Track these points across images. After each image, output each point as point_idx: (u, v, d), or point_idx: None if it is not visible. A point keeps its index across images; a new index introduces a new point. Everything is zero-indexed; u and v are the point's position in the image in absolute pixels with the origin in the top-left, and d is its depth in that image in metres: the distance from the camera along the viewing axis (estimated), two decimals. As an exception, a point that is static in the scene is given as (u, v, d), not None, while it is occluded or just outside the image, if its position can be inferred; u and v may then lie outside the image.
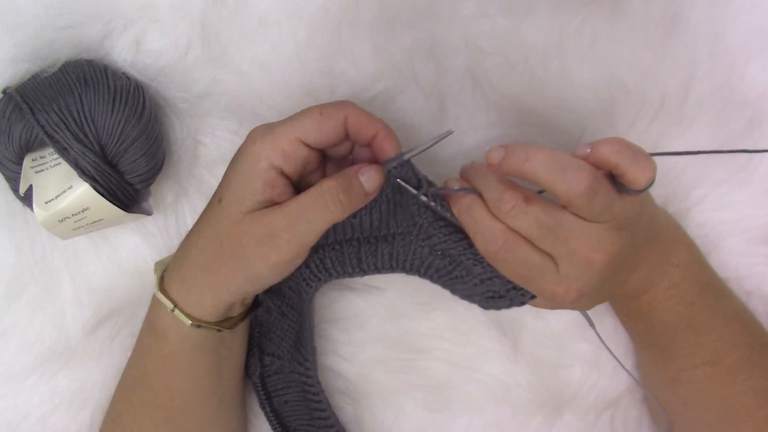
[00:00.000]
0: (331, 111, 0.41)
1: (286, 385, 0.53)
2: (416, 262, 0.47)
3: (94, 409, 0.53)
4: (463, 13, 0.51)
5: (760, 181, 0.54)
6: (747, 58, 0.52)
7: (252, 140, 0.41)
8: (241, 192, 0.41)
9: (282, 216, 0.40)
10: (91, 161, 0.45)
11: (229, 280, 0.43)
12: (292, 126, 0.41)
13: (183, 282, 0.44)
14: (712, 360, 0.48)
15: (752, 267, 0.55)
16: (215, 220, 0.42)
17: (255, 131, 0.42)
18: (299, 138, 0.41)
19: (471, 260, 0.45)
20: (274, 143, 0.40)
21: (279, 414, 0.54)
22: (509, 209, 0.41)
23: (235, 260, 0.42)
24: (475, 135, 0.53)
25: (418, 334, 0.56)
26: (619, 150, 0.40)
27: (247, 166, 0.41)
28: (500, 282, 0.45)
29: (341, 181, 0.41)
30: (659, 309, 0.48)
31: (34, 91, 0.46)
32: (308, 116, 0.41)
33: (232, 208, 0.41)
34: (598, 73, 0.52)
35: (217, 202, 0.42)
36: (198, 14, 0.49)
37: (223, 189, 0.42)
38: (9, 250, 0.51)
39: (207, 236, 0.43)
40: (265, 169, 0.40)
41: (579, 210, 0.40)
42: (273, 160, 0.40)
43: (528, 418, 0.56)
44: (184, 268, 0.44)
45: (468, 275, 0.46)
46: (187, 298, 0.44)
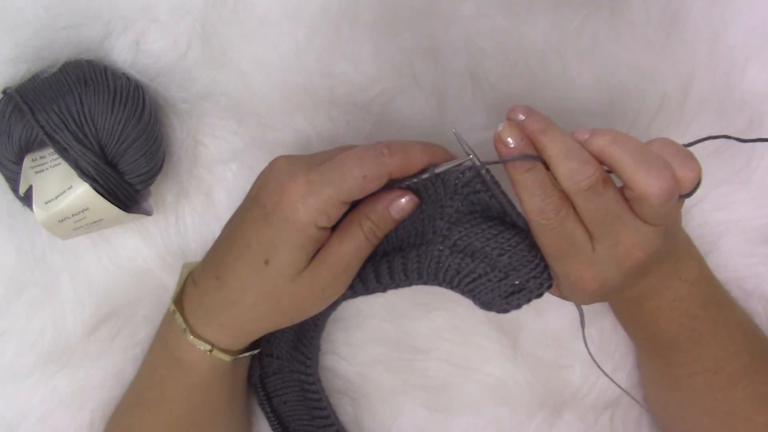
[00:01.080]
0: (375, 173, 0.40)
1: (285, 385, 0.54)
2: (432, 267, 0.46)
3: (93, 410, 0.53)
4: (463, 14, 0.51)
5: (760, 181, 0.54)
6: (747, 58, 0.52)
7: (293, 203, 0.40)
8: (293, 256, 0.41)
9: (337, 264, 0.42)
10: (90, 161, 0.45)
11: (283, 323, 0.46)
12: (337, 191, 0.40)
13: (223, 328, 0.45)
14: (713, 368, 0.48)
15: (752, 267, 0.55)
16: (265, 281, 0.42)
17: (293, 187, 0.40)
18: (343, 201, 0.40)
19: (497, 249, 0.43)
20: (320, 208, 0.40)
21: (278, 414, 0.54)
22: (587, 186, 0.38)
23: (294, 313, 0.44)
24: (475, 135, 0.52)
25: (418, 334, 0.56)
26: (667, 150, 0.39)
27: (295, 231, 0.40)
28: (525, 271, 0.43)
29: (377, 220, 0.42)
30: (661, 319, 0.47)
31: (34, 91, 0.46)
32: (352, 181, 0.40)
33: (285, 271, 0.41)
34: (597, 74, 0.52)
35: (262, 263, 0.41)
36: (198, 14, 0.49)
37: (264, 249, 0.41)
38: (9, 250, 0.51)
39: (257, 294, 0.43)
40: (314, 232, 0.40)
41: (646, 207, 0.39)
42: (318, 223, 0.40)
43: (528, 418, 0.56)
44: (226, 319, 0.44)
45: (492, 270, 0.44)
46: (226, 340, 0.45)
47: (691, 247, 0.49)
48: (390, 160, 0.40)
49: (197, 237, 0.53)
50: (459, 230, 0.44)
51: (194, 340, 0.45)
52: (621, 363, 0.56)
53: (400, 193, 0.43)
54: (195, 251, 0.53)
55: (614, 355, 0.56)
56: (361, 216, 0.42)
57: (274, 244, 0.41)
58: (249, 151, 0.52)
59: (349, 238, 0.42)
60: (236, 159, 0.52)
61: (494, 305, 0.46)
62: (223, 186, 0.52)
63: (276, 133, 0.52)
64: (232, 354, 0.46)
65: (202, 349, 0.45)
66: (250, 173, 0.52)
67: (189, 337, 0.45)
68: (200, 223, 0.53)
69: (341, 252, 0.42)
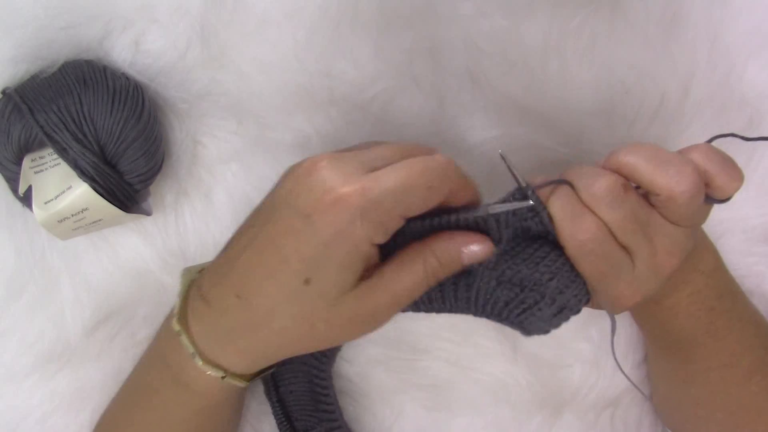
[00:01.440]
0: (441, 186, 0.36)
1: (294, 375, 0.53)
2: (481, 299, 0.42)
3: (93, 410, 0.53)
4: (463, 13, 0.51)
5: (760, 181, 0.54)
6: (746, 58, 0.52)
7: (350, 216, 0.34)
8: (340, 276, 0.35)
9: (386, 296, 0.37)
10: (90, 161, 0.45)
11: (310, 349, 0.40)
12: (399, 203, 0.35)
13: (241, 353, 0.39)
14: (729, 363, 0.47)
15: (752, 266, 0.55)
16: (302, 303, 0.36)
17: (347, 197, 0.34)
18: (404, 215, 0.35)
19: (547, 274, 0.40)
20: (379, 222, 0.34)
21: (283, 402, 0.54)
22: (607, 195, 0.37)
23: (325, 341, 0.39)
24: (475, 135, 0.53)
25: (418, 334, 0.56)
26: (709, 156, 0.37)
27: (347, 249, 0.34)
28: (571, 292, 0.40)
29: (444, 261, 0.38)
30: (680, 315, 0.46)
31: (34, 91, 0.46)
32: (416, 191, 0.35)
33: (329, 293, 0.36)
34: (597, 73, 0.52)
35: (300, 283, 0.35)
36: (197, 14, 0.49)
37: (306, 267, 0.35)
38: (9, 250, 0.51)
39: (288, 318, 0.37)
40: (367, 251, 0.35)
41: (675, 208, 0.37)
42: (375, 240, 0.35)
43: (528, 418, 0.56)
44: (245, 344, 0.39)
45: (542, 299, 0.41)
46: (242, 365, 0.40)
47: (706, 239, 0.48)
48: (452, 174, 0.37)
49: (197, 237, 0.53)
50: (506, 259, 0.41)
51: (205, 366, 0.39)
52: (621, 363, 0.56)
53: (478, 238, 0.38)
54: (194, 251, 0.53)
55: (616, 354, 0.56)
56: (428, 252, 0.37)
57: (320, 262, 0.35)
58: (249, 151, 0.52)
59: (407, 274, 0.37)
60: (236, 159, 0.52)
61: (540, 331, 0.43)
62: (222, 186, 0.52)
63: (276, 133, 0.52)
64: (247, 379, 0.41)
65: (214, 375, 0.40)
66: (250, 173, 0.52)
67: (199, 363, 0.39)
68: (200, 223, 0.53)
69: (395, 287, 0.37)
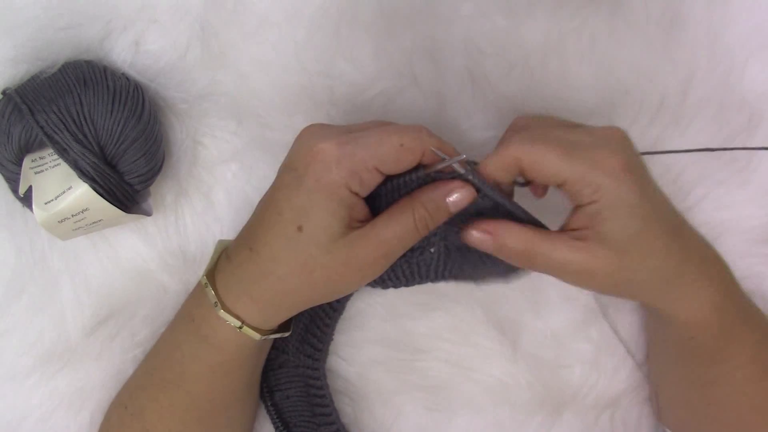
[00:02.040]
0: (412, 144, 0.40)
1: (289, 380, 0.53)
2: (440, 267, 0.47)
3: (94, 410, 0.53)
4: (463, 14, 0.51)
5: (760, 181, 0.54)
6: (746, 58, 0.52)
7: (326, 163, 0.39)
8: (327, 221, 0.40)
9: (380, 245, 0.41)
10: (90, 162, 0.45)
11: (315, 299, 0.44)
12: (372, 155, 0.39)
13: (255, 302, 0.43)
14: (753, 357, 0.47)
15: (752, 267, 0.55)
16: (298, 249, 0.41)
17: (325, 148, 0.39)
18: (376, 167, 0.40)
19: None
20: (353, 170, 0.39)
21: (279, 409, 0.54)
22: None
23: (328, 287, 0.42)
24: (474, 135, 0.53)
25: (418, 334, 0.56)
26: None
27: (328, 193, 0.39)
28: None
29: (431, 209, 0.41)
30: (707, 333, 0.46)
31: (34, 92, 0.46)
32: (388, 147, 0.39)
33: (319, 238, 0.40)
34: (597, 74, 0.52)
35: (294, 230, 0.40)
36: (197, 15, 0.49)
37: (297, 215, 0.40)
38: (9, 250, 0.51)
39: (289, 264, 0.41)
40: (346, 196, 0.40)
41: None
42: (351, 187, 0.40)
43: (528, 418, 0.56)
44: (258, 292, 0.43)
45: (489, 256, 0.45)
46: (256, 316, 0.44)
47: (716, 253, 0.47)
48: (428, 139, 0.40)
49: (197, 237, 0.53)
50: (454, 230, 0.44)
51: (225, 315, 0.43)
52: (621, 363, 0.56)
53: (459, 184, 0.42)
54: (195, 251, 0.53)
55: (614, 355, 0.56)
56: (416, 202, 0.41)
57: (306, 208, 0.40)
58: (249, 152, 0.52)
59: (397, 222, 0.41)
60: (236, 159, 0.52)
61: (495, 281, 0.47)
62: (222, 186, 0.52)
63: (276, 133, 0.52)
64: (262, 333, 0.44)
65: (232, 325, 0.43)
66: (250, 173, 0.52)
67: (219, 312, 0.43)
68: (200, 223, 0.53)
69: (386, 234, 0.41)
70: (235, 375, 0.47)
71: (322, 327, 0.53)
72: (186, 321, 0.47)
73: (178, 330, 0.48)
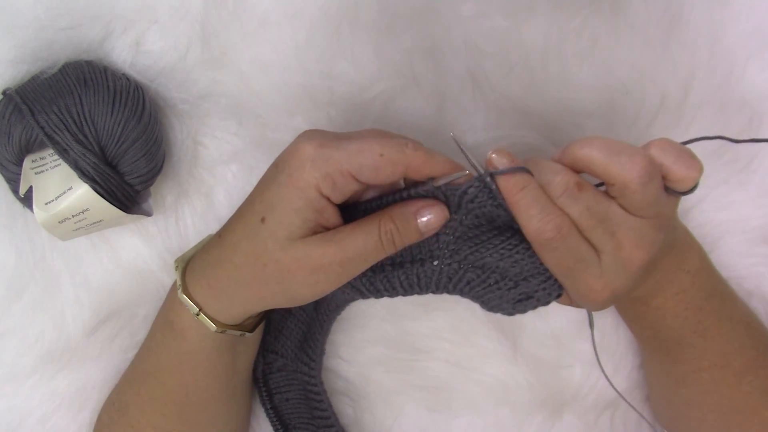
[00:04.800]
0: (393, 156, 0.39)
1: (288, 383, 0.54)
2: (444, 280, 0.45)
3: (94, 410, 0.53)
4: (463, 14, 0.51)
5: (760, 181, 0.54)
6: (747, 59, 0.52)
7: (301, 161, 0.39)
8: (289, 218, 0.39)
9: (338, 251, 0.40)
10: (90, 162, 0.45)
11: (266, 299, 0.43)
12: (348, 160, 0.38)
13: (211, 288, 0.43)
14: (720, 363, 0.48)
15: (752, 267, 0.55)
16: (256, 240, 0.40)
17: (305, 148, 0.39)
18: (352, 173, 0.39)
19: (510, 263, 0.43)
20: (326, 172, 0.38)
21: (279, 411, 0.54)
22: (560, 193, 0.39)
23: (279, 285, 0.41)
24: (475, 135, 0.53)
25: (418, 335, 0.56)
26: (664, 149, 0.39)
27: (295, 190, 0.39)
28: (536, 282, 0.43)
29: (400, 225, 0.40)
30: (668, 314, 0.47)
31: (34, 92, 0.46)
32: (368, 154, 0.38)
33: (278, 232, 0.39)
34: (597, 74, 0.52)
35: (258, 221, 0.40)
36: (197, 15, 0.49)
37: (264, 207, 0.40)
38: (9, 251, 0.51)
39: (246, 254, 0.41)
40: (315, 197, 0.39)
41: (631, 197, 0.38)
42: (322, 189, 0.39)
43: (528, 418, 0.56)
44: (214, 278, 0.43)
45: (502, 280, 0.44)
46: (213, 304, 0.44)
47: (691, 238, 0.49)
48: (411, 153, 0.39)
49: (197, 237, 0.53)
50: (469, 245, 0.43)
51: (183, 298, 0.44)
52: (621, 363, 0.56)
53: (431, 203, 0.41)
54: (195, 252, 0.53)
55: (614, 355, 0.56)
56: (384, 216, 0.40)
57: (273, 201, 0.40)
58: (249, 152, 0.52)
59: (361, 233, 0.40)
60: (236, 159, 0.52)
61: (501, 310, 0.46)
62: (223, 186, 0.52)
63: (276, 133, 0.52)
64: (219, 326, 0.44)
65: (190, 312, 0.43)
66: (250, 173, 0.52)
67: (180, 295, 0.44)
68: (200, 223, 0.53)
69: (347, 243, 0.40)
70: (204, 369, 0.47)
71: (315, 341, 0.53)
72: (162, 310, 0.48)
73: (156, 320, 0.49)
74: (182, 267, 0.46)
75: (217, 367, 0.47)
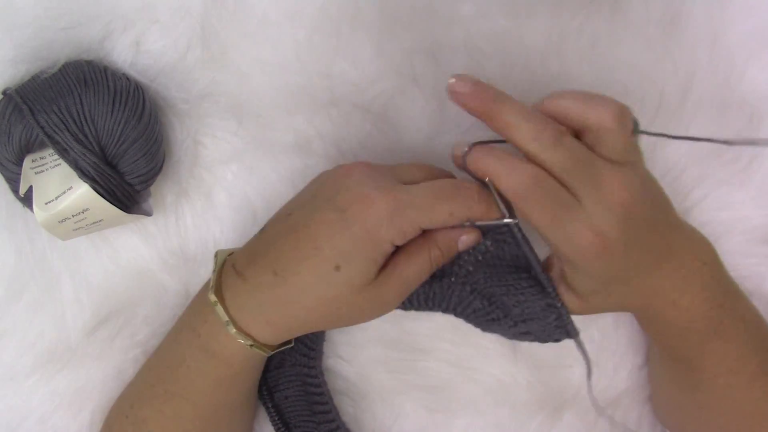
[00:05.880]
0: (461, 214, 0.42)
1: (287, 380, 0.53)
2: (454, 301, 0.48)
3: (94, 410, 0.53)
4: (463, 14, 0.51)
5: (760, 181, 0.54)
6: (747, 58, 0.52)
7: (378, 219, 0.41)
8: (366, 267, 0.42)
9: (401, 283, 0.44)
10: (91, 162, 0.45)
11: (327, 327, 0.47)
12: (422, 219, 0.41)
13: (270, 325, 0.44)
14: (735, 368, 0.47)
15: (752, 267, 0.55)
16: (331, 285, 0.42)
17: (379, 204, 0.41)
18: (422, 227, 0.42)
19: (513, 300, 0.45)
20: (402, 229, 0.41)
21: (280, 409, 0.54)
22: (552, 139, 0.40)
23: (348, 320, 0.45)
24: (475, 135, 0.52)
25: (418, 335, 0.56)
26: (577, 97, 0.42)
27: (373, 246, 0.41)
28: (537, 325, 0.46)
29: (444, 250, 0.44)
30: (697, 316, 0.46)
31: (34, 92, 0.46)
32: (438, 213, 0.42)
33: (355, 281, 0.42)
34: (597, 74, 0.52)
35: (332, 269, 0.42)
36: (198, 15, 0.49)
37: (338, 255, 0.41)
38: (9, 250, 0.51)
39: (318, 298, 0.43)
40: (388, 249, 0.42)
41: (610, 139, 0.40)
42: (395, 242, 0.42)
43: (528, 418, 0.56)
44: (276, 316, 0.44)
45: (505, 317, 0.46)
46: (269, 335, 0.45)
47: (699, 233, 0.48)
48: (477, 207, 0.42)
49: (197, 237, 0.53)
50: (484, 272, 0.46)
51: (237, 334, 0.44)
52: (621, 363, 0.56)
53: (470, 230, 0.44)
54: (195, 251, 0.53)
55: (614, 355, 0.56)
56: (431, 243, 0.44)
57: (350, 253, 0.41)
58: (249, 152, 0.52)
59: (416, 261, 0.43)
60: (236, 159, 0.52)
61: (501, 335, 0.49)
62: (223, 186, 0.52)
63: (276, 133, 0.52)
64: (272, 349, 0.45)
65: (243, 343, 0.44)
66: (250, 173, 0.52)
67: (232, 331, 0.44)
68: (200, 223, 0.53)
69: (407, 273, 0.43)
70: (241, 386, 0.48)
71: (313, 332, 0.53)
72: (190, 335, 0.47)
73: (182, 344, 0.47)
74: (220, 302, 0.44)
75: (253, 382, 0.49)
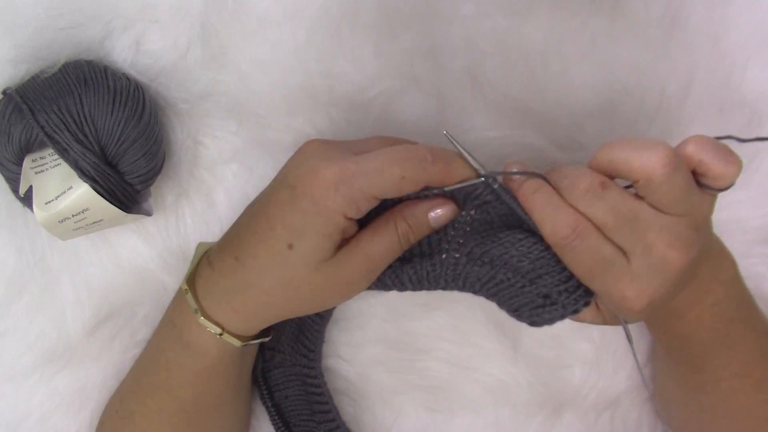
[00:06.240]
0: (414, 177, 0.39)
1: (287, 380, 0.53)
2: (450, 275, 0.45)
3: (94, 410, 0.53)
4: (463, 14, 0.51)
5: (760, 181, 0.54)
6: (747, 59, 0.52)
7: (324, 188, 0.39)
8: (319, 244, 0.40)
9: (364, 260, 0.41)
10: (91, 162, 0.45)
11: (296, 311, 0.45)
12: (371, 185, 0.39)
13: (235, 312, 0.43)
14: (741, 373, 0.47)
15: (752, 267, 0.55)
16: (286, 266, 0.41)
17: (325, 173, 0.39)
18: (375, 196, 0.39)
19: (516, 257, 0.42)
20: (352, 198, 0.39)
21: (280, 409, 0.54)
22: (584, 193, 0.38)
23: (313, 302, 0.43)
24: (475, 135, 0.53)
25: (418, 334, 0.56)
26: (702, 145, 0.37)
27: (323, 218, 0.39)
28: (552, 280, 0.42)
29: (413, 224, 0.42)
30: (701, 328, 0.45)
31: (34, 91, 0.46)
32: (388, 177, 0.39)
33: (309, 258, 0.40)
34: (597, 74, 0.52)
35: (285, 247, 0.40)
36: (198, 15, 0.49)
37: (289, 233, 0.40)
38: (9, 250, 0.51)
39: (276, 279, 0.41)
40: (341, 221, 0.40)
41: (658, 190, 0.37)
42: (347, 214, 0.39)
43: (528, 418, 0.56)
44: (239, 302, 0.43)
45: (514, 276, 0.43)
46: (238, 324, 0.44)
47: (724, 248, 0.47)
48: (432, 168, 0.40)
49: (197, 237, 0.53)
50: (475, 238, 0.44)
51: (204, 322, 0.43)
52: (621, 363, 0.56)
53: (441, 201, 0.42)
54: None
55: (615, 355, 0.56)
56: (398, 217, 0.42)
57: (300, 228, 0.40)
58: (249, 152, 0.52)
59: (381, 238, 0.41)
60: (236, 159, 0.52)
61: (523, 315, 0.45)
62: (223, 186, 0.52)
63: (276, 133, 0.52)
64: (243, 340, 0.45)
65: (212, 332, 0.43)
66: (250, 173, 0.52)
67: (200, 319, 0.43)
68: (200, 223, 0.53)
69: (371, 250, 0.41)
70: (220, 379, 0.47)
71: (311, 332, 0.53)
72: (168, 327, 0.47)
73: (162, 336, 0.49)
74: (192, 289, 0.45)
75: (232, 376, 0.48)
